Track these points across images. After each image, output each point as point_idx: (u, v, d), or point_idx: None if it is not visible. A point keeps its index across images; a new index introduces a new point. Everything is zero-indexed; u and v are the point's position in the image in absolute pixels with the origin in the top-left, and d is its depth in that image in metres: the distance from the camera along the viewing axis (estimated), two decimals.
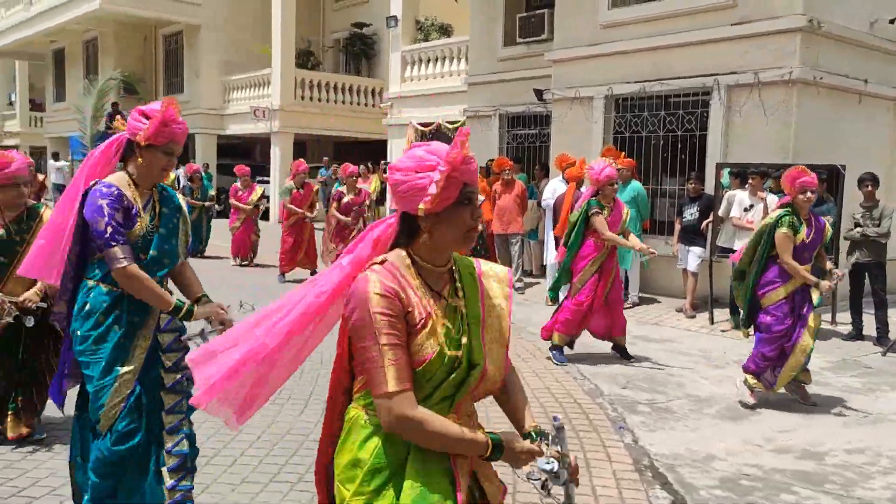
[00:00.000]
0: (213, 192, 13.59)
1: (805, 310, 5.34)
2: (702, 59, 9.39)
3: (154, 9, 21.44)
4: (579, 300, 6.46)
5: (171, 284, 3.24)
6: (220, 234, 13.23)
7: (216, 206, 13.45)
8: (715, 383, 6.06)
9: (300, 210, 10.51)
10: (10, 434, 4.28)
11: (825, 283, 5.26)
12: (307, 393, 5.45)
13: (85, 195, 2.89)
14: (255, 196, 12.07)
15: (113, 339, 2.92)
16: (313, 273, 10.81)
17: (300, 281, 10.55)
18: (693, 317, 8.61)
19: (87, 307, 2.95)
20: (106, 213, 2.82)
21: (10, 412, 4.30)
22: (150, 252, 2.99)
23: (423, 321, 1.80)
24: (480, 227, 7.71)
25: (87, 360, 2.93)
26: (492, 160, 10.98)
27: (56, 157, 24.32)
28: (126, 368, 2.92)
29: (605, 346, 6.94)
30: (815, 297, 5.43)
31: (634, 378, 6.16)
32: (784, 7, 8.65)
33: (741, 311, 5.69)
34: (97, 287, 2.95)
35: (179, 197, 3.26)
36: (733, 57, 9.10)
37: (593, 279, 6.48)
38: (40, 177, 6.82)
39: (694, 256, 8.71)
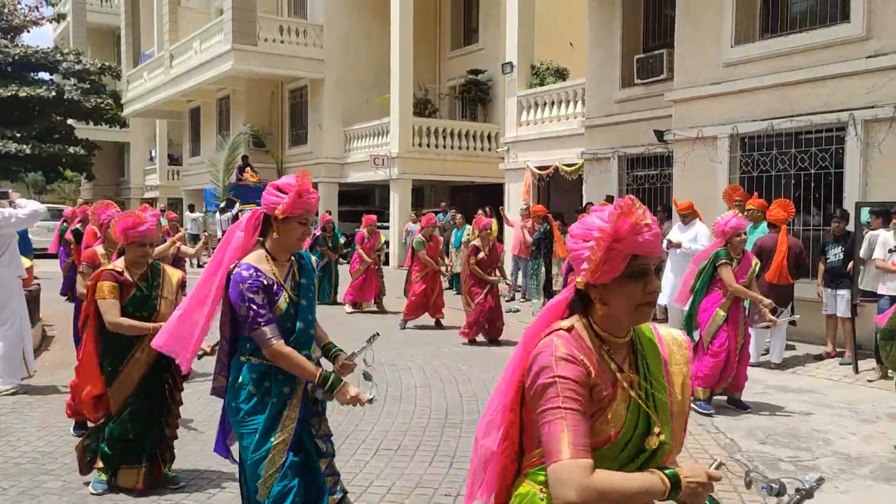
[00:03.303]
0: (342, 241, 13.99)
1: None
2: (834, 93, 9.00)
3: (281, 66, 22.68)
4: (714, 351, 6.29)
5: None
6: (344, 279, 13.66)
7: (344, 251, 13.91)
8: (864, 440, 5.67)
9: (430, 260, 10.62)
10: (138, 484, 4.33)
11: None
12: (433, 446, 5.50)
13: (229, 275, 3.04)
14: (377, 245, 12.35)
15: (265, 410, 3.05)
16: (438, 323, 10.93)
17: (423, 328, 10.72)
18: (849, 363, 8.07)
19: (240, 380, 3.10)
20: (246, 299, 2.95)
21: (144, 464, 4.36)
22: (297, 324, 3.11)
23: (608, 396, 1.72)
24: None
25: (242, 431, 3.08)
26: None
27: (192, 208, 25.92)
28: (279, 438, 3.04)
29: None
30: None
31: (774, 432, 5.86)
32: None
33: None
34: (248, 361, 3.10)
35: (311, 257, 3.39)
36: (869, 90, 8.67)
37: (724, 328, 6.31)
38: (164, 224, 7.22)
39: (843, 300, 8.23)
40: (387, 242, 17.44)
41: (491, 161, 20.18)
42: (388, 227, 20.08)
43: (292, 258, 3.21)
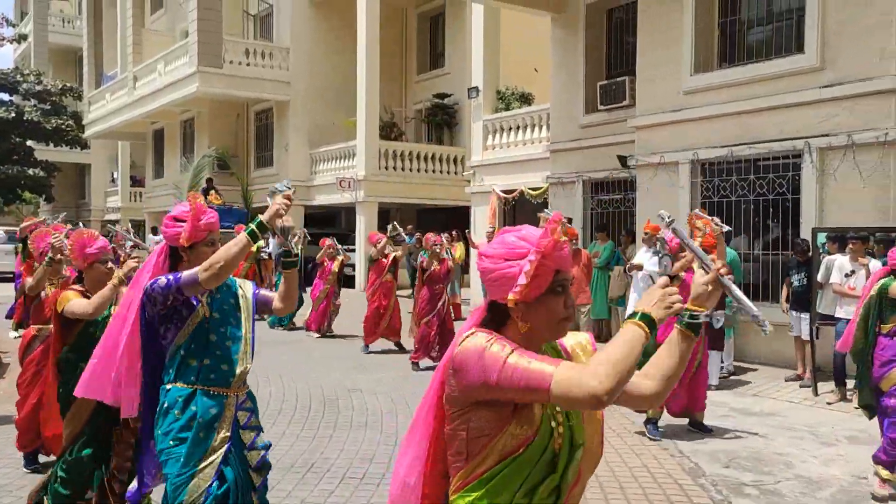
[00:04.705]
0: (308, 267, 13.90)
1: None
2: (790, 122, 9.25)
3: (247, 89, 22.60)
4: None
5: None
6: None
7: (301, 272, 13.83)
8: (825, 463, 5.77)
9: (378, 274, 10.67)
10: None
11: None
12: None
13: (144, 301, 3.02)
14: (336, 265, 12.29)
15: (191, 435, 2.98)
16: (398, 345, 10.88)
17: (389, 352, 10.67)
18: (809, 385, 8.22)
19: (165, 405, 3.05)
20: (159, 281, 2.95)
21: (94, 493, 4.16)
22: (211, 336, 3.08)
23: (515, 405, 1.72)
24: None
25: (165, 458, 3.00)
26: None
27: (155, 231, 25.56)
28: (204, 463, 2.97)
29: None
30: None
31: (737, 455, 5.94)
32: (875, 69, 8.47)
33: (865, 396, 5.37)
34: (174, 387, 3.06)
35: (240, 283, 3.33)
36: (823, 119, 8.93)
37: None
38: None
39: (806, 323, 8.41)
40: (352, 265, 17.38)
41: (457, 184, 20.29)
42: (353, 250, 20.04)
43: None
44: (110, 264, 4.22)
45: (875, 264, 7.61)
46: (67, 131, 30.52)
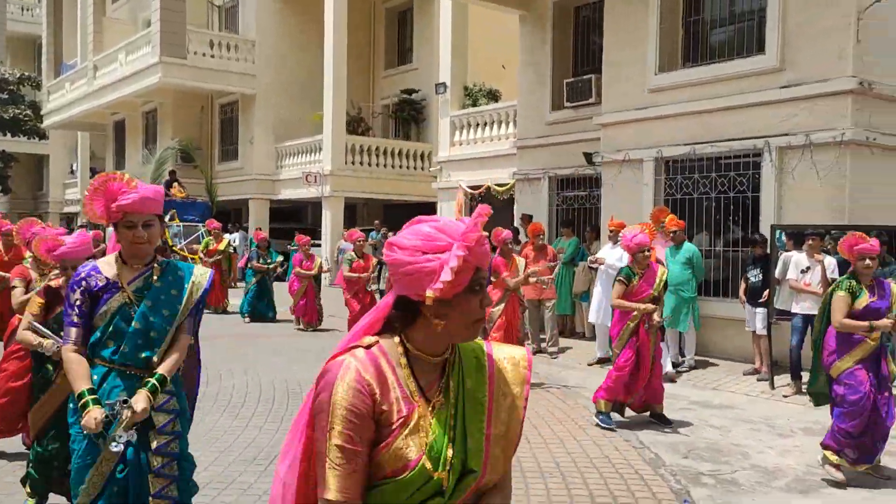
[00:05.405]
0: (278, 260, 13.83)
1: (885, 377, 5.15)
2: (751, 121, 9.42)
3: (211, 81, 22.34)
4: (619, 365, 6.50)
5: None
6: (281, 298, 13.56)
7: (279, 269, 13.79)
8: (781, 453, 5.91)
9: (361, 275, 10.70)
10: None
11: (883, 322, 5.00)
12: None
13: None
14: (315, 266, 12.43)
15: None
16: None
17: None
18: (766, 379, 8.39)
19: None
20: (67, 294, 3.04)
21: None
22: (133, 324, 2.99)
23: (402, 420, 1.58)
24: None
25: (73, 433, 2.99)
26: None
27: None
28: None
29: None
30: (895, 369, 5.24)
31: (696, 447, 6.05)
32: (833, 70, 8.67)
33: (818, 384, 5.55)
34: (93, 364, 3.01)
35: (197, 270, 3.24)
36: (783, 119, 9.12)
37: (631, 342, 6.52)
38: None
39: (761, 318, 8.58)
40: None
41: (424, 180, 20.31)
42: (319, 245, 19.94)
43: (155, 265, 3.11)
44: (70, 271, 4.07)
45: (829, 261, 7.83)
46: (25, 121, 29.90)
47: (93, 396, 2.88)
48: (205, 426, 6.21)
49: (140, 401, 2.88)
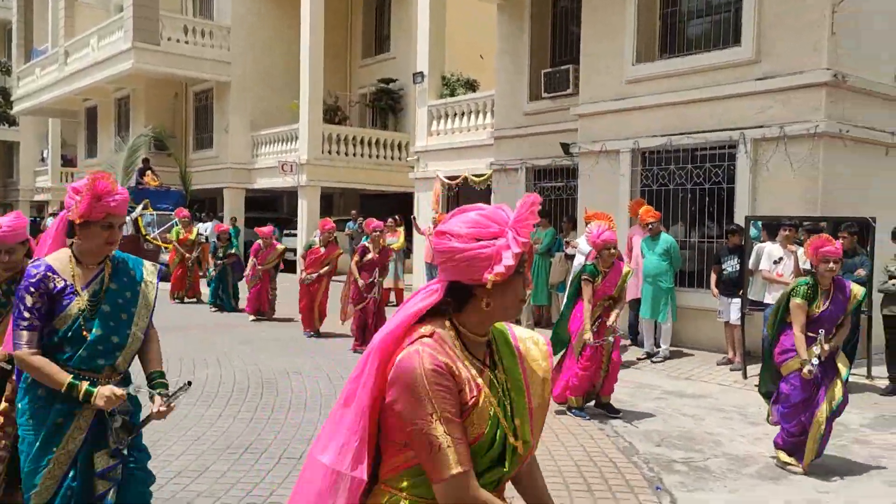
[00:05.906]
0: (234, 251, 13.66)
1: (829, 379, 5.17)
2: (727, 113, 9.48)
3: (185, 67, 22.03)
4: (584, 364, 6.45)
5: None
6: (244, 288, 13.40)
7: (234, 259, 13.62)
8: (752, 441, 5.97)
9: (308, 270, 10.63)
10: None
11: (807, 369, 5.02)
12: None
13: None
14: (272, 256, 12.14)
15: (52, 416, 2.85)
16: (316, 333, 10.69)
17: (327, 336, 10.58)
18: (739, 369, 8.47)
19: (30, 380, 2.90)
20: (20, 296, 2.82)
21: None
22: (94, 331, 2.88)
23: (474, 399, 1.69)
24: None
25: (23, 434, 2.89)
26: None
27: None
28: (61, 450, 2.85)
29: (636, 401, 6.88)
30: (843, 370, 5.24)
31: (669, 435, 6.09)
32: (808, 62, 8.74)
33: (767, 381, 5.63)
34: None
35: (147, 268, 3.15)
36: (758, 111, 9.18)
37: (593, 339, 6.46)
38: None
39: (736, 308, 8.64)
40: (294, 250, 17.18)
41: (401, 170, 20.21)
42: (295, 235, 19.81)
43: (107, 262, 3.00)
44: (5, 255, 3.83)
45: (802, 252, 7.89)
46: None
47: (86, 382, 2.81)
48: (178, 415, 6.13)
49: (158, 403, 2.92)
